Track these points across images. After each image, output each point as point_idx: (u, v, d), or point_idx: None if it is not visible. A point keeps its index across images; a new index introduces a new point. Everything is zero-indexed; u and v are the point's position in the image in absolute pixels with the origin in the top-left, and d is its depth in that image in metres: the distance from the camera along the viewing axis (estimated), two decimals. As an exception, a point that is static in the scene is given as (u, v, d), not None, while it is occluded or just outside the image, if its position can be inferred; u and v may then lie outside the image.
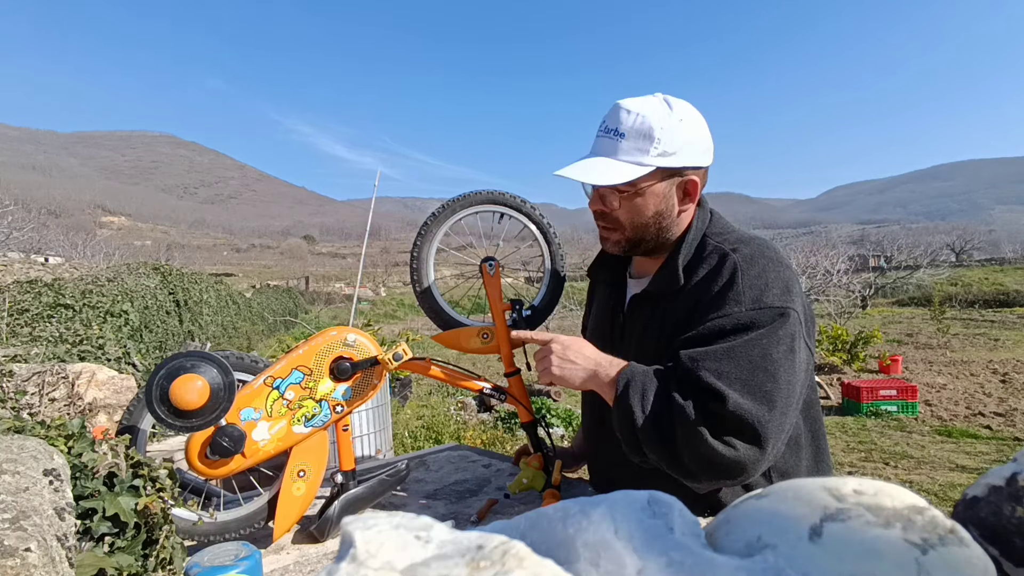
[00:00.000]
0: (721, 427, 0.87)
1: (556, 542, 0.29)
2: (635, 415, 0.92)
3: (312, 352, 1.12)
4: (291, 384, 1.10)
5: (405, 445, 5.20)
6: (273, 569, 1.00)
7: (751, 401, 0.86)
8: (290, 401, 1.09)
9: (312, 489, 1.11)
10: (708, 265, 1.00)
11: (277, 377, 1.09)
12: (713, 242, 1.04)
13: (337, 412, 1.12)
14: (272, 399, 1.09)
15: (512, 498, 1.28)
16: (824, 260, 17.61)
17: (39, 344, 2.80)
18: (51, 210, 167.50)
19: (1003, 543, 0.32)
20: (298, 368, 1.10)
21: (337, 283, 45.06)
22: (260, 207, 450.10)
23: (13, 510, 0.61)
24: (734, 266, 0.96)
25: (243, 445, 1.05)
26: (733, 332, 0.91)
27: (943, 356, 10.62)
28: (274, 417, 1.08)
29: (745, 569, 0.26)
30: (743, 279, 0.95)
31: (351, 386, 1.13)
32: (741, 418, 0.85)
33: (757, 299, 0.92)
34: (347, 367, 1.11)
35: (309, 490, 1.11)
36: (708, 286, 0.98)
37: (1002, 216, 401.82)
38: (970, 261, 40.38)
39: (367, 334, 1.16)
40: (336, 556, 0.28)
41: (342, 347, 1.13)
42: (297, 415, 1.10)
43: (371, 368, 1.14)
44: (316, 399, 1.11)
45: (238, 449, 1.04)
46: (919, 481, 4.75)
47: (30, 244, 21.47)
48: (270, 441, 1.08)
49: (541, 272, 1.35)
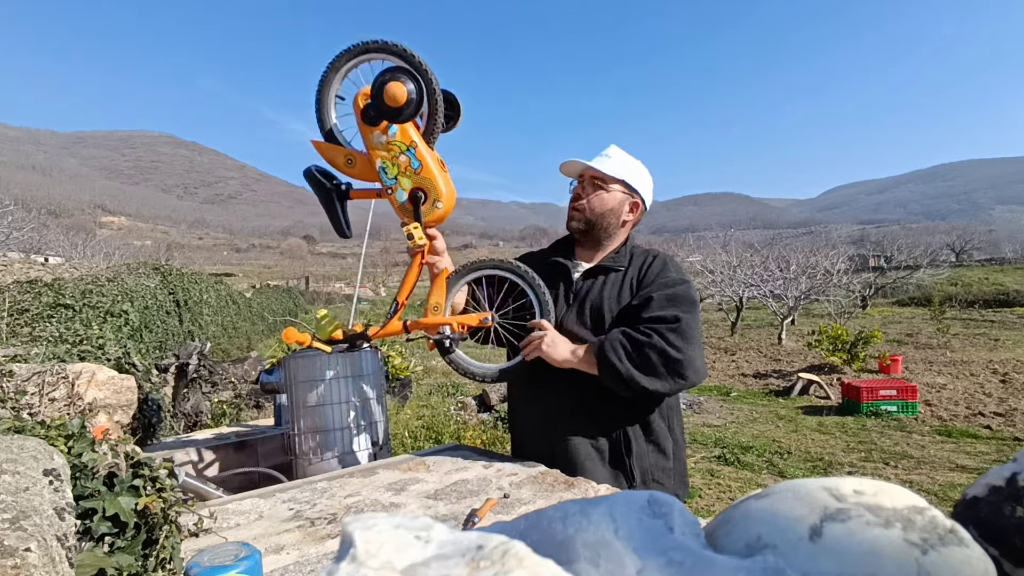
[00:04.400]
0: (669, 332, 1.37)
1: (556, 542, 0.29)
2: (615, 361, 1.37)
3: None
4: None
5: (405, 445, 5.20)
6: (273, 569, 1.00)
7: (687, 316, 1.41)
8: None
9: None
10: (643, 258, 1.57)
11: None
12: (642, 248, 1.62)
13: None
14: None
15: (512, 498, 1.29)
16: (824, 260, 17.61)
17: (39, 344, 2.81)
18: (51, 210, 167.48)
19: (1003, 543, 0.32)
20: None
21: (337, 283, 45.07)
22: (260, 207, 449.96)
23: (13, 510, 0.61)
24: (665, 258, 1.58)
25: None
26: (674, 283, 1.48)
27: (943, 356, 10.63)
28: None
29: (745, 569, 0.26)
30: (670, 263, 1.56)
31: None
32: (684, 322, 1.38)
33: (681, 273, 1.53)
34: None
35: None
36: (648, 268, 1.53)
37: (1002, 216, 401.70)
38: (970, 261, 40.40)
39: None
40: (336, 556, 0.28)
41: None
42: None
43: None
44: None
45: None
46: (919, 481, 4.76)
47: (30, 244, 21.48)
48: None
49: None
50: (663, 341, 1.36)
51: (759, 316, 20.29)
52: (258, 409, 5.47)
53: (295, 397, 1.78)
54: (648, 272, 1.51)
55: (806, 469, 5.29)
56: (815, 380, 8.43)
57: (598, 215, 1.55)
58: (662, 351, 1.35)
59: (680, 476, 1.53)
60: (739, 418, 7.25)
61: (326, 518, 1.23)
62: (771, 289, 15.81)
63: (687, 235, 64.70)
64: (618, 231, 1.59)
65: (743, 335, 15.53)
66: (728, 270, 17.46)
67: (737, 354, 12.24)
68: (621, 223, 1.58)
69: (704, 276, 18.17)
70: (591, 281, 1.56)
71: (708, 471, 5.19)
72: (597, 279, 1.56)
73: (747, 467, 5.30)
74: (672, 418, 1.54)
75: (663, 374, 1.37)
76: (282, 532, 1.17)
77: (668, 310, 1.40)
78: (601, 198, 1.55)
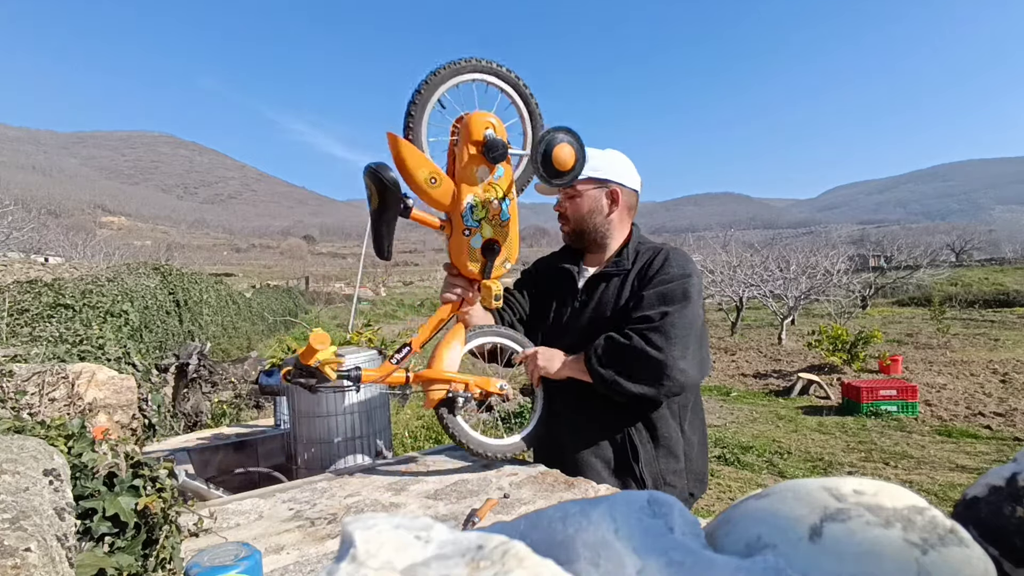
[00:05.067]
0: (650, 331, 1.33)
1: (556, 542, 0.29)
2: (598, 368, 1.36)
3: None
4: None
5: (405, 445, 5.19)
6: (273, 569, 1.00)
7: (675, 312, 1.36)
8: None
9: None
10: (647, 255, 1.50)
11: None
12: (646, 244, 1.56)
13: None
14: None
15: (512, 498, 1.29)
16: (824, 260, 17.60)
17: (39, 344, 2.80)
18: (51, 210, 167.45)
19: (1003, 543, 0.32)
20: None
21: (337, 283, 45.07)
22: (260, 207, 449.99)
23: (13, 510, 0.61)
24: (668, 252, 1.49)
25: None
26: (669, 279, 1.42)
27: (943, 356, 10.62)
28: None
29: (745, 569, 0.26)
30: (673, 257, 1.47)
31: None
32: (669, 320, 1.34)
33: (682, 267, 1.45)
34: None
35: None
36: (650, 266, 1.47)
37: (1002, 216, 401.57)
38: (970, 261, 40.39)
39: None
40: (336, 556, 0.28)
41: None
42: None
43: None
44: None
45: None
46: (919, 481, 4.76)
47: (30, 244, 21.47)
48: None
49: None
50: (643, 342, 1.32)
51: (759, 316, 20.28)
52: (258, 409, 5.47)
53: (295, 404, 1.77)
54: (649, 270, 1.47)
55: (806, 469, 5.29)
56: (815, 380, 8.43)
57: (580, 220, 1.54)
58: (641, 353, 1.31)
59: (695, 475, 1.51)
60: (739, 418, 7.24)
61: (326, 518, 1.23)
62: (771, 289, 15.81)
63: (687, 235, 64.74)
64: (611, 227, 1.56)
65: (743, 335, 15.53)
66: (728, 270, 17.46)
67: (737, 354, 12.24)
68: (607, 218, 1.54)
69: (704, 276, 18.13)
70: (596, 287, 1.54)
71: (708, 471, 5.19)
72: (600, 285, 1.53)
73: (747, 467, 5.30)
74: (685, 418, 1.50)
75: (645, 378, 1.33)
76: (282, 532, 1.17)
77: (655, 308, 1.37)
78: (576, 204, 1.54)
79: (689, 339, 1.35)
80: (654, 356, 1.31)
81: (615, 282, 1.50)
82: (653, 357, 1.31)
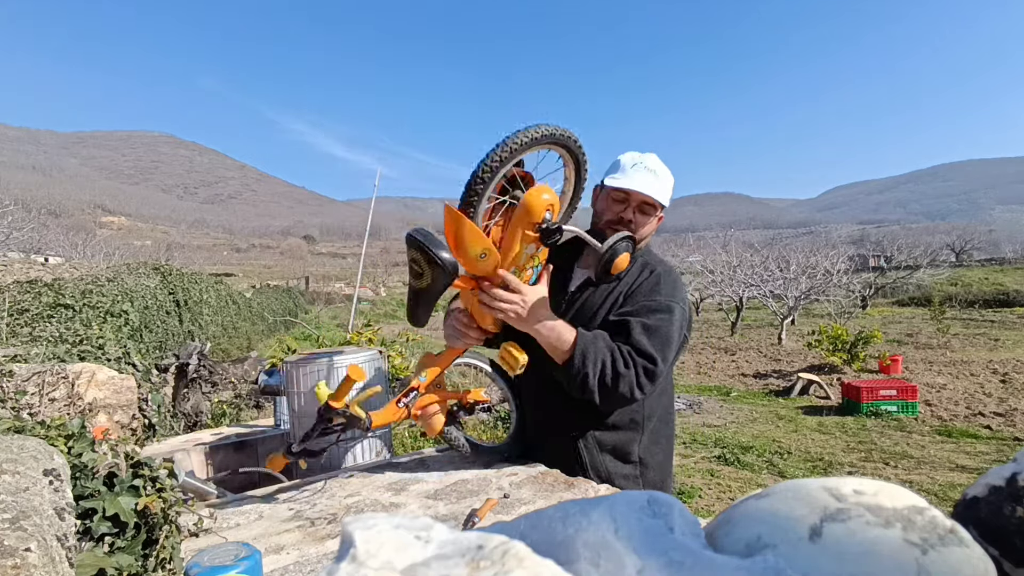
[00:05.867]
0: (645, 374, 1.33)
1: (556, 542, 0.29)
2: (588, 371, 1.33)
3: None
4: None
5: (405, 445, 5.19)
6: (273, 569, 1.00)
7: (661, 357, 1.35)
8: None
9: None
10: (640, 270, 1.50)
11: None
12: (644, 260, 1.53)
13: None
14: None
15: (512, 498, 1.28)
16: (824, 260, 17.61)
17: (39, 344, 2.80)
18: (51, 210, 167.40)
19: (1003, 543, 0.32)
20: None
21: (337, 283, 45.06)
22: (260, 207, 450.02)
23: (13, 510, 0.61)
24: (661, 274, 1.49)
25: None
26: (657, 309, 1.41)
27: (943, 356, 10.62)
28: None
29: (745, 569, 0.26)
30: (664, 282, 1.46)
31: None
32: (659, 367, 1.34)
33: (669, 295, 1.45)
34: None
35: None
36: (641, 283, 1.47)
37: (1002, 216, 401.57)
38: (970, 261, 40.40)
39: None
40: (336, 556, 0.28)
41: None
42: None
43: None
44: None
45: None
46: (919, 481, 4.76)
47: (30, 244, 21.47)
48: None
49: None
50: (635, 380, 1.32)
51: (759, 316, 20.28)
52: (258, 409, 5.47)
53: (295, 405, 1.77)
54: (639, 288, 1.45)
55: (806, 469, 5.29)
56: (815, 380, 8.43)
57: (641, 240, 1.48)
58: (630, 388, 1.32)
59: (651, 485, 1.50)
60: (739, 418, 7.24)
61: (326, 518, 1.23)
62: (771, 289, 15.81)
63: (687, 235, 64.66)
64: (647, 245, 1.59)
65: (743, 335, 15.53)
66: (728, 270, 17.47)
67: (737, 354, 12.24)
68: (649, 239, 1.57)
69: (704, 276, 18.17)
70: (586, 292, 1.53)
71: (708, 471, 5.19)
72: (589, 289, 1.53)
73: (747, 467, 5.30)
74: (646, 428, 1.49)
75: (613, 400, 1.35)
76: (282, 532, 1.18)
77: (649, 345, 1.34)
78: (651, 225, 1.50)
79: (655, 374, 1.35)
80: (637, 395, 1.33)
81: (604, 288, 1.50)
82: (636, 396, 1.33)
